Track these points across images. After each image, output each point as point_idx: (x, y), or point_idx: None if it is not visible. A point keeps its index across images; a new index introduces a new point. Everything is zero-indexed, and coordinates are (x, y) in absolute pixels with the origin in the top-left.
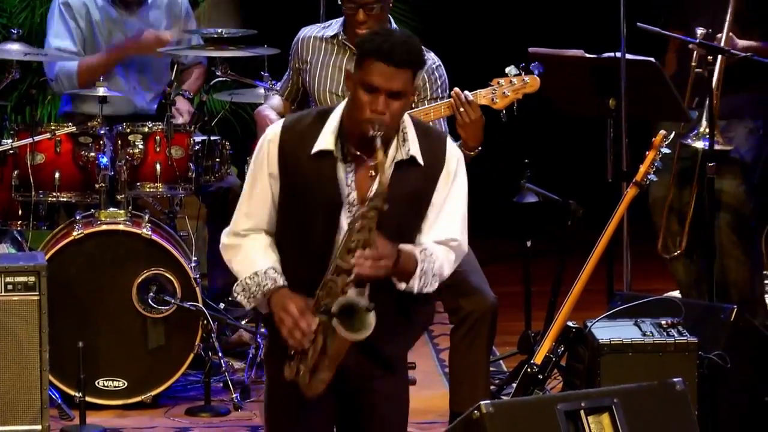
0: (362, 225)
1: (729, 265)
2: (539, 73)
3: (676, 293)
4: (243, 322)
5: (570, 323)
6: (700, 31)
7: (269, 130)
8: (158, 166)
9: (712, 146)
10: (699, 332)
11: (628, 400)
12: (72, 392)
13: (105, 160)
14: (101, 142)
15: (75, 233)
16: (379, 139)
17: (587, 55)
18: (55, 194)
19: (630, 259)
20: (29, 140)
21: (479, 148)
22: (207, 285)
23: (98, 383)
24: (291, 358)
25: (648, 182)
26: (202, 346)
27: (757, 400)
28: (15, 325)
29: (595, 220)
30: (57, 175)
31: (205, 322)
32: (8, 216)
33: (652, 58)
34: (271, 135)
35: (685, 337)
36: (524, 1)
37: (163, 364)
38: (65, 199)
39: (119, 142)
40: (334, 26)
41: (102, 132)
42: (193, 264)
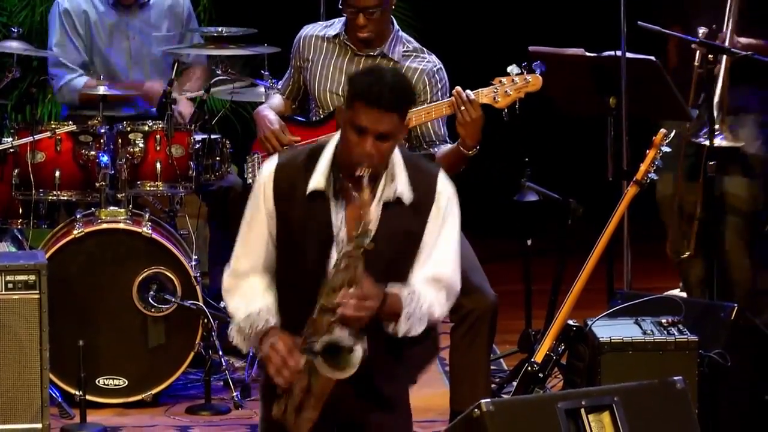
0: (347, 264)
1: (733, 265)
2: (541, 72)
3: (676, 292)
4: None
5: (570, 322)
6: (702, 30)
7: (264, 169)
8: (158, 165)
9: (712, 144)
10: (699, 331)
11: (629, 398)
12: (72, 391)
13: (105, 158)
14: (101, 141)
15: (75, 232)
16: (366, 179)
17: (587, 54)
18: (55, 193)
19: (630, 258)
20: (29, 139)
21: (477, 147)
22: (207, 284)
23: (99, 382)
24: (279, 396)
25: (648, 181)
26: (202, 344)
27: (758, 398)
28: (15, 323)
29: (595, 219)
30: (57, 173)
31: (206, 320)
32: (8, 214)
33: (652, 57)
34: (266, 175)
35: (686, 336)
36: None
37: (163, 363)
38: (66, 198)
39: (119, 140)
40: (336, 26)
41: (102, 131)
42: (194, 262)
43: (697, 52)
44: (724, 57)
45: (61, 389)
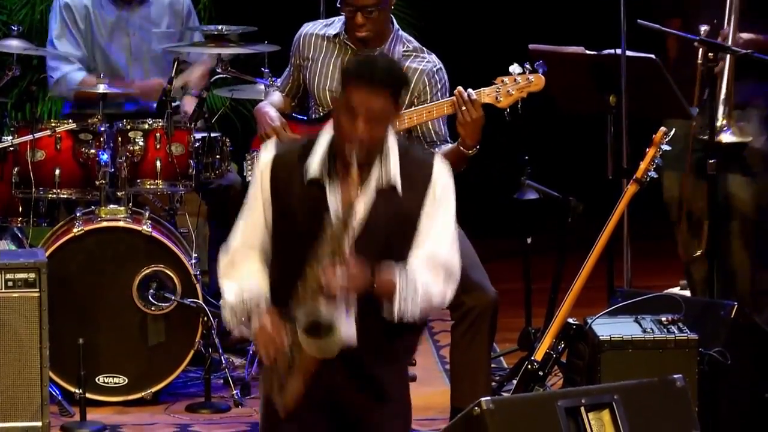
0: (332, 241)
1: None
2: (543, 71)
3: (676, 290)
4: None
5: (570, 320)
6: (704, 27)
7: (262, 157)
8: (158, 163)
9: (713, 142)
10: (699, 329)
11: (629, 396)
12: (72, 389)
13: (105, 156)
14: (101, 139)
15: (75, 230)
16: (355, 160)
17: (587, 52)
18: (55, 191)
19: (630, 256)
20: (29, 137)
21: (477, 147)
22: (207, 282)
23: (98, 380)
24: (269, 373)
25: (648, 179)
26: (202, 342)
27: (758, 396)
28: (15, 322)
29: (595, 217)
30: (57, 172)
31: (206, 318)
32: (8, 213)
33: (652, 55)
34: (264, 161)
35: (686, 334)
36: None
37: (163, 361)
38: (65, 196)
39: (119, 138)
40: (336, 24)
41: (102, 129)
42: (194, 261)
43: (700, 48)
44: (728, 57)
45: (61, 387)
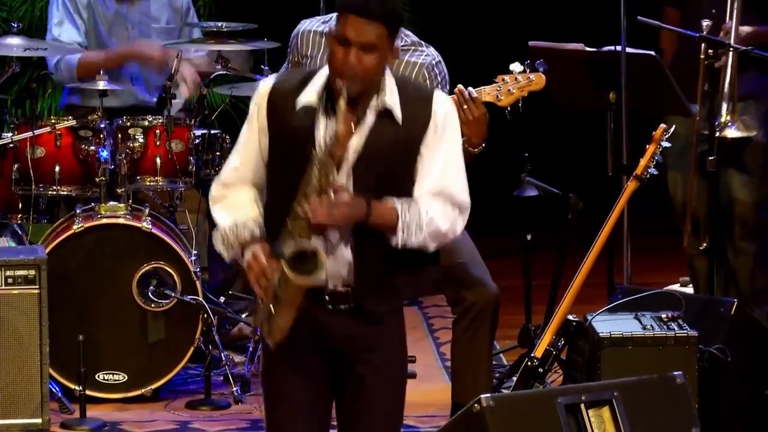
0: (318, 171)
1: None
2: (544, 70)
3: (676, 287)
4: (243, 315)
5: (570, 317)
6: (706, 22)
7: (261, 86)
8: (158, 160)
9: (713, 141)
10: (699, 326)
11: (629, 393)
12: (72, 386)
13: (105, 153)
14: (101, 136)
15: (75, 227)
16: (345, 90)
17: (587, 49)
18: (55, 188)
19: (630, 253)
20: (29, 134)
21: (483, 145)
22: (207, 278)
23: (98, 377)
24: (260, 306)
25: (648, 176)
26: (202, 339)
27: (758, 393)
28: (15, 318)
29: (595, 214)
30: (57, 168)
31: (206, 315)
32: (8, 209)
33: (652, 52)
34: (262, 90)
35: (686, 331)
36: None
37: (163, 358)
38: (65, 193)
39: (119, 135)
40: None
41: (102, 125)
42: (194, 257)
43: (702, 44)
44: (730, 53)
45: (61, 384)
